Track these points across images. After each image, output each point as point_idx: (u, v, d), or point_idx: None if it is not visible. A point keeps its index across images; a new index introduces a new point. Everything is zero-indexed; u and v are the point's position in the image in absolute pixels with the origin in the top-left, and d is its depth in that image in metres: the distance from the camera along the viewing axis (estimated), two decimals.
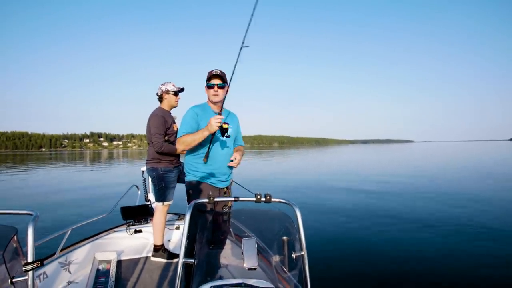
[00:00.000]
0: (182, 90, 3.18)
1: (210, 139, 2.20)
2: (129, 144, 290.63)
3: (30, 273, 1.24)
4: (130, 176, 17.25)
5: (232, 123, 2.41)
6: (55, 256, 2.56)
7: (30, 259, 1.25)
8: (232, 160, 2.29)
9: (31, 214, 1.38)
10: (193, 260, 1.47)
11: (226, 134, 2.16)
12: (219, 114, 2.18)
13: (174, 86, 3.13)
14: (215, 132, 2.10)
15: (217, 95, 2.26)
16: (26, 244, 1.30)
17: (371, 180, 13.47)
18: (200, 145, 2.25)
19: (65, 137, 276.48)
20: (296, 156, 41.18)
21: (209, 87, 2.25)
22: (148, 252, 3.21)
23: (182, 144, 2.19)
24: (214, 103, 2.31)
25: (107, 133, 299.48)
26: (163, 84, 3.13)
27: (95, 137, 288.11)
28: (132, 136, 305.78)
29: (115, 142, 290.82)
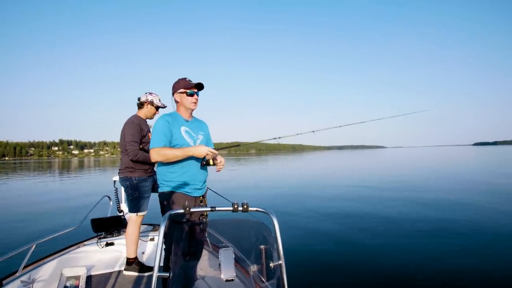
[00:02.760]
0: (164, 107, 3.20)
1: None
2: (101, 152, 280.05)
3: None
4: (102, 186, 16.57)
5: (202, 130, 2.43)
6: (17, 274, 2.38)
7: None
8: (212, 163, 2.25)
9: None
10: (168, 274, 1.42)
11: (204, 163, 2.24)
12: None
13: (159, 101, 3.14)
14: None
15: (196, 103, 2.31)
16: None
17: (347, 186, 13.74)
18: None
19: (31, 144, 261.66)
20: (274, 163, 41.41)
21: (190, 95, 2.26)
22: (120, 265, 3.07)
23: (161, 156, 2.11)
24: (191, 111, 2.34)
25: (77, 140, 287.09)
26: (150, 94, 3.10)
27: (65, 144, 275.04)
28: (105, 143, 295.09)
29: (86, 150, 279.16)
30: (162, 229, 1.46)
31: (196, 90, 2.28)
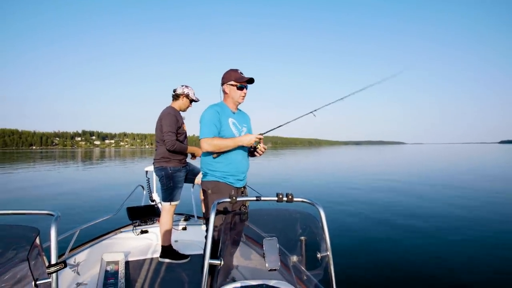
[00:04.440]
0: (197, 101, 3.27)
1: None
2: (121, 143, 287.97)
3: (54, 275, 1.19)
4: (129, 175, 17.20)
5: (246, 122, 2.44)
6: (64, 257, 2.51)
7: (53, 261, 1.20)
8: (253, 151, 2.33)
9: (52, 215, 1.32)
10: (219, 261, 1.42)
11: (252, 149, 2.32)
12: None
13: (194, 94, 3.20)
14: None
15: (245, 97, 2.32)
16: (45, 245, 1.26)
17: (377, 180, 13.68)
18: None
19: (56, 135, 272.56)
20: (294, 157, 41.22)
21: (240, 88, 2.27)
22: (155, 252, 3.16)
23: (213, 146, 2.14)
24: (238, 103, 2.35)
25: (99, 131, 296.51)
26: (186, 87, 3.15)
27: (87, 135, 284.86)
28: (125, 134, 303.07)
29: (107, 141, 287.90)
30: (212, 217, 1.46)
31: (246, 84, 2.27)
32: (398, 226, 6.05)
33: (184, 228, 3.53)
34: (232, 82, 2.25)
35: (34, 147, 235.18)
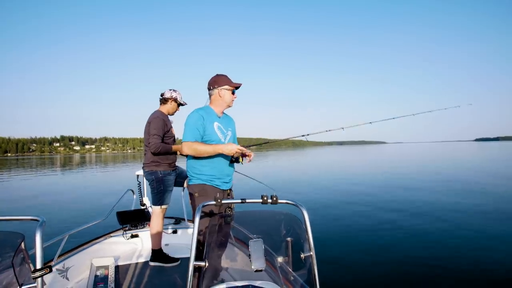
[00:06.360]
0: (184, 105, 3.32)
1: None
2: (102, 148, 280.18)
3: (39, 279, 1.22)
4: (117, 180, 16.89)
5: (231, 126, 2.50)
6: (53, 263, 2.52)
7: (39, 266, 1.22)
8: (237, 158, 2.39)
9: (37, 220, 1.34)
10: (204, 263, 1.46)
11: (233, 160, 2.35)
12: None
13: (181, 98, 3.26)
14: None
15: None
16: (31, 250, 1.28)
17: (364, 179, 14.02)
18: None
19: (33, 141, 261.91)
20: (279, 158, 41.44)
21: (233, 92, 2.38)
22: (145, 257, 3.20)
23: (193, 150, 2.20)
24: (226, 107, 2.43)
25: (78, 136, 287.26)
26: (174, 91, 3.21)
27: (66, 140, 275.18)
28: (106, 139, 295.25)
29: (87, 146, 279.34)
30: (197, 220, 1.50)
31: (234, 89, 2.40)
32: (381, 225, 6.24)
33: (175, 232, 3.58)
34: (227, 87, 2.33)
35: (9, 154, 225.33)
